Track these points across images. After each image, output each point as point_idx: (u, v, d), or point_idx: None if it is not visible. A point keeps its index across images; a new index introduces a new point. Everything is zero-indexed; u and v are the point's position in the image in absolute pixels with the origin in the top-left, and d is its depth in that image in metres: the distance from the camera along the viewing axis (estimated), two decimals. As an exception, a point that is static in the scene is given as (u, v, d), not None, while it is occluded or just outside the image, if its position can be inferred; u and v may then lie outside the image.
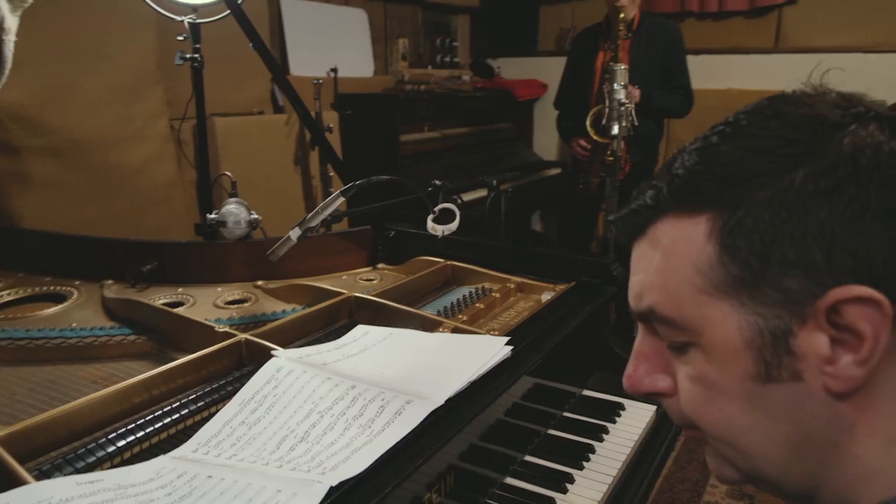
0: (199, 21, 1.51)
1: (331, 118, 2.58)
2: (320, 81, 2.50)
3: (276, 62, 1.25)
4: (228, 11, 1.39)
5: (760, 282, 0.45)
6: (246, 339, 1.05)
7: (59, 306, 1.33)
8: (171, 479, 0.74)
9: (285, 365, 0.94)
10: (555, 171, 4.11)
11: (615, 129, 1.85)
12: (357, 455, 0.72)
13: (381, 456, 0.72)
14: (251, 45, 1.24)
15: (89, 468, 0.77)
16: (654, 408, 1.25)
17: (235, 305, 1.36)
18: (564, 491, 0.99)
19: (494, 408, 0.95)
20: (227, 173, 1.40)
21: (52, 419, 0.81)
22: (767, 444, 0.48)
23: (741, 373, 0.47)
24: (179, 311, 1.23)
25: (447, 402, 0.83)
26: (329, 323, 1.23)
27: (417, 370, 0.93)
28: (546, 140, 4.38)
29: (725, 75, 3.62)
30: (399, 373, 0.92)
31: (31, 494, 0.66)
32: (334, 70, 2.88)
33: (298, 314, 1.19)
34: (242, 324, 1.23)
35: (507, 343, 0.99)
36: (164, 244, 1.49)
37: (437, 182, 1.24)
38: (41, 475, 0.74)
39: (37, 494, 0.66)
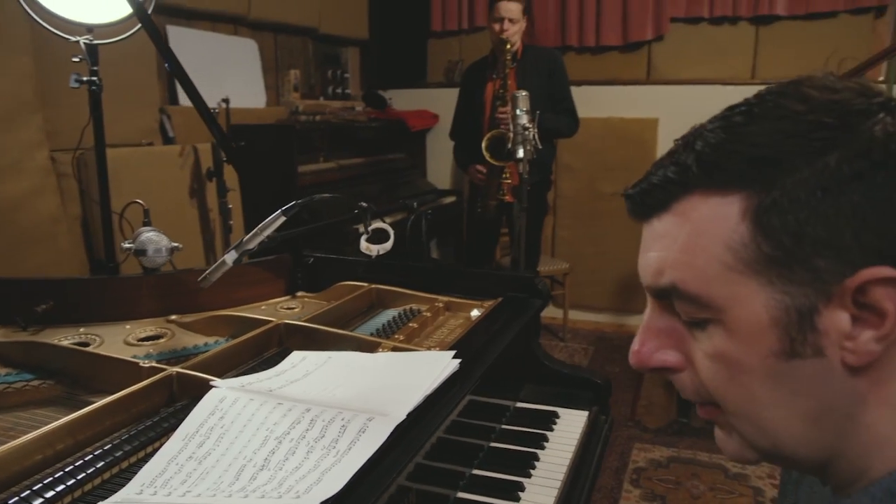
0: (96, 42, 1.42)
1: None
2: (217, 111, 2.41)
3: (193, 85, 1.20)
4: (129, 33, 1.32)
5: (792, 261, 0.46)
6: (177, 373, 0.98)
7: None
8: (118, 525, 0.67)
9: (228, 395, 0.89)
10: (449, 199, 4.19)
11: (520, 153, 1.92)
12: (328, 476, 0.70)
13: (355, 474, 0.69)
14: (167, 66, 1.18)
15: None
16: (586, 413, 1.30)
17: (150, 342, 1.27)
18: (518, 499, 1.00)
19: (436, 426, 0.95)
20: (140, 201, 1.31)
21: (8, 452, 0.72)
22: (788, 419, 0.49)
23: (765, 350, 0.48)
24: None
25: (408, 416, 0.82)
26: (260, 352, 1.18)
27: (369, 389, 0.91)
28: (439, 169, 4.47)
29: (605, 104, 3.88)
30: (351, 393, 0.89)
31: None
32: (226, 100, 2.80)
33: (228, 345, 1.13)
34: (163, 360, 1.15)
35: (455, 357, 0.99)
36: (64, 281, 1.37)
37: (364, 203, 1.23)
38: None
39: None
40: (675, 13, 3.79)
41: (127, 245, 1.11)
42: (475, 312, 1.35)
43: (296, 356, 1.07)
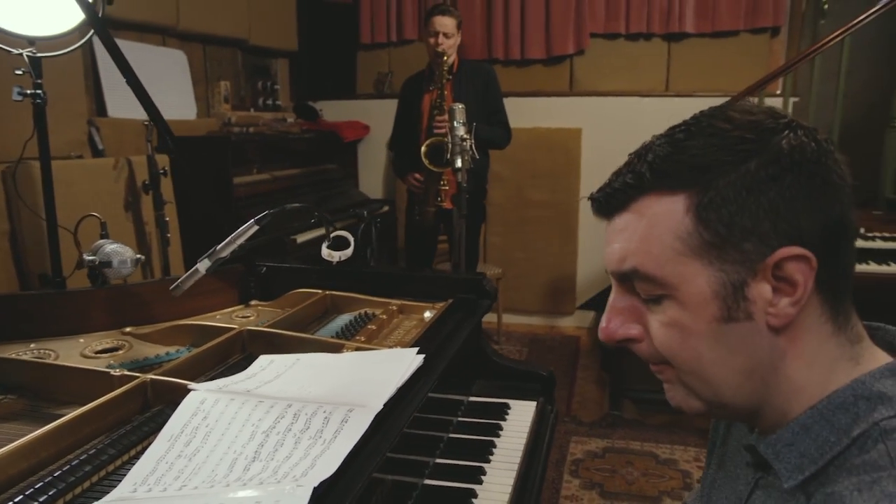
0: (39, 55, 1.41)
1: (162, 161, 2.47)
2: (150, 123, 2.39)
3: (149, 98, 1.22)
4: (75, 46, 1.33)
5: (726, 245, 0.58)
6: (151, 380, 1.01)
7: None
8: (121, 518, 0.71)
9: (208, 396, 0.93)
10: (383, 209, 4.25)
11: (458, 163, 2.02)
12: (321, 461, 0.76)
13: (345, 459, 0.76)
14: (125, 80, 1.20)
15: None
16: (534, 403, 1.40)
17: (108, 354, 1.27)
18: (481, 482, 1.08)
19: (409, 415, 1.02)
20: (96, 214, 1.31)
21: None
22: (727, 373, 0.61)
23: (709, 316, 0.59)
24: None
25: (384, 405, 0.88)
26: (224, 359, 1.22)
27: (343, 385, 0.97)
28: (371, 179, 4.53)
29: (531, 115, 4.05)
30: (326, 389, 0.95)
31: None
32: (156, 112, 2.77)
33: (195, 352, 1.16)
34: (126, 370, 1.17)
35: (418, 353, 1.07)
36: (13, 296, 1.36)
37: (325, 213, 1.29)
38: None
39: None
40: (595, 29, 4.00)
41: (90, 258, 1.12)
42: (427, 314, 1.42)
43: (263, 360, 1.11)
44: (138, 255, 1.17)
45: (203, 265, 1.04)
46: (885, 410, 0.56)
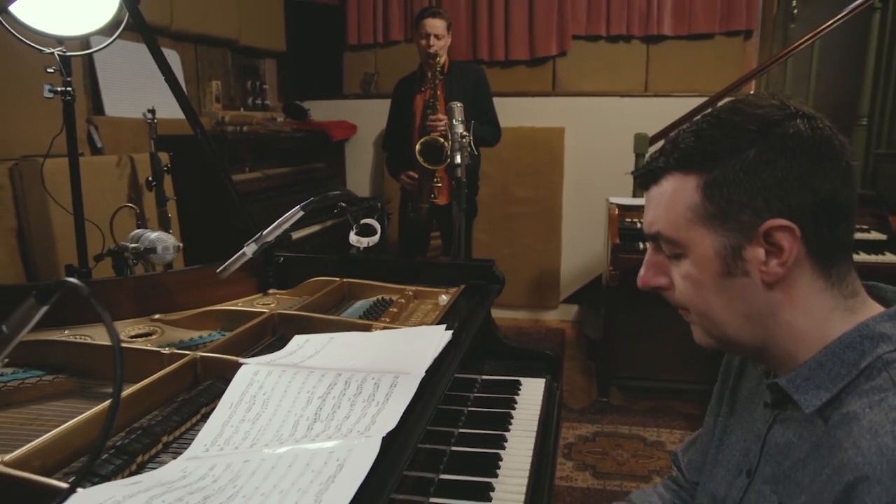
0: (69, 54, 1.47)
1: (164, 159, 2.52)
2: (155, 122, 2.44)
3: (185, 96, 1.29)
4: (103, 45, 1.39)
5: (727, 216, 0.72)
6: (201, 357, 1.09)
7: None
8: (203, 472, 0.78)
9: (260, 369, 1.01)
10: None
11: (458, 159, 2.11)
12: (380, 418, 0.84)
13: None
14: (164, 78, 1.27)
15: (106, 477, 0.79)
16: (543, 380, 1.50)
17: (142, 339, 1.34)
18: (503, 448, 1.18)
19: (447, 382, 1.10)
20: (131, 205, 1.38)
21: (55, 438, 0.81)
22: (729, 317, 0.75)
23: (713, 271, 0.73)
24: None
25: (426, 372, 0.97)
26: (257, 341, 1.29)
27: (383, 357, 1.06)
28: (358, 177, 4.60)
29: (515, 115, 4.15)
30: (368, 361, 1.04)
31: (91, 497, 0.68)
32: (152, 111, 2.81)
33: (232, 334, 1.23)
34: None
35: (446, 329, 1.16)
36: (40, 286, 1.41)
37: (343, 203, 1.38)
38: (75, 483, 0.74)
39: (96, 497, 0.68)
40: (577, 31, 4.13)
41: (133, 245, 1.19)
42: (443, 298, 1.51)
43: (299, 339, 1.19)
44: (179, 243, 1.24)
45: (250, 249, 1.12)
46: (886, 346, 0.69)
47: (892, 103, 2.91)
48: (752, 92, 3.79)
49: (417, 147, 2.83)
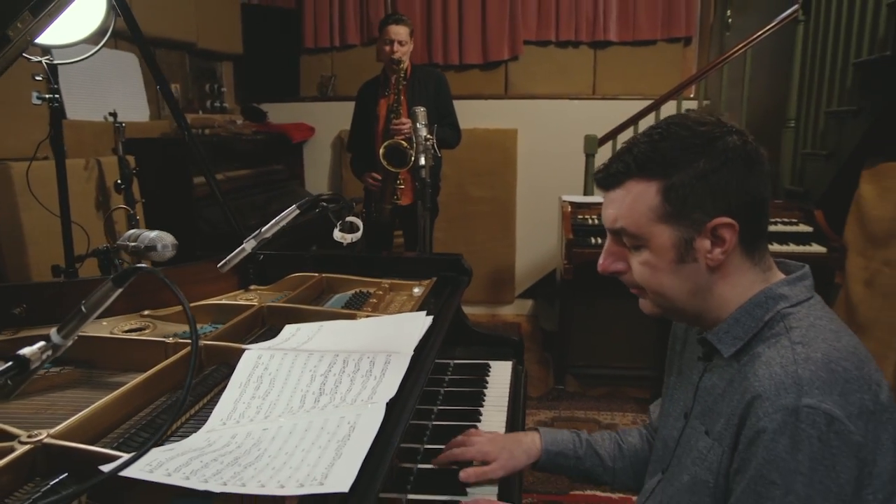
0: (56, 62, 1.53)
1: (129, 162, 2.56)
2: (123, 126, 2.48)
3: (177, 103, 1.38)
4: (91, 52, 1.47)
5: (681, 215, 0.87)
6: (205, 345, 1.18)
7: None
8: (226, 440, 0.89)
9: (263, 353, 1.11)
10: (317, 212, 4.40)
11: (422, 161, 2.23)
12: (380, 388, 0.96)
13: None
14: (158, 87, 1.35)
15: (139, 447, 0.88)
16: (510, 363, 1.64)
17: (135, 333, 1.42)
18: (479, 420, 1.31)
19: (431, 361, 1.23)
20: (125, 206, 1.45)
21: (93, 413, 0.90)
22: (679, 294, 0.91)
23: (669, 259, 0.89)
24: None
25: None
26: (248, 331, 1.39)
27: (372, 340, 1.17)
28: (316, 178, 4.67)
29: (470, 117, 4.27)
30: (360, 344, 1.15)
31: (140, 461, 0.78)
32: (113, 114, 2.83)
33: (227, 325, 1.32)
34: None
35: (427, 315, 1.28)
36: (38, 285, 1.48)
37: (348, 198, 1.49)
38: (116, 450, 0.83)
39: (142, 461, 0.78)
40: (528, 36, 4.31)
41: (132, 244, 1.27)
42: (416, 290, 1.64)
43: (290, 328, 1.30)
44: (175, 241, 1.32)
45: (249, 245, 1.22)
46: (784, 303, 0.87)
47: (815, 107, 3.17)
48: (692, 95, 4.05)
49: (381, 151, 2.94)
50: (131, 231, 1.38)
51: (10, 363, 0.68)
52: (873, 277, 2.49)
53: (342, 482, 0.71)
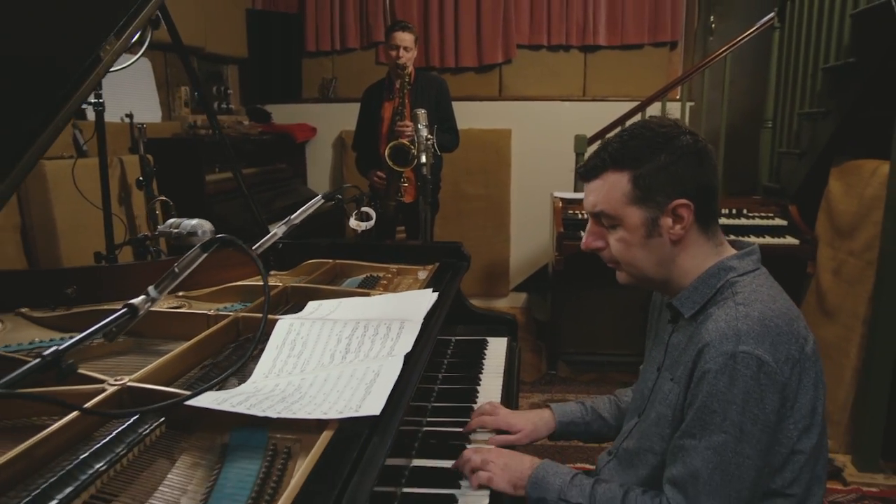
0: (99, 72, 1.70)
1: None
2: (144, 126, 2.66)
3: (212, 106, 1.56)
4: (133, 59, 1.65)
5: (648, 198, 1.06)
6: (242, 316, 1.37)
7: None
8: (270, 388, 1.07)
9: (294, 321, 1.30)
10: (330, 205, 4.58)
11: (423, 159, 2.42)
12: (397, 346, 1.15)
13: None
14: (195, 93, 1.53)
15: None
16: (505, 339, 1.83)
17: (173, 310, 1.60)
18: (476, 392, 1.50)
19: (437, 331, 1.41)
20: (164, 198, 1.63)
21: (158, 366, 1.09)
22: (648, 265, 1.10)
23: (639, 235, 1.08)
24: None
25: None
26: (275, 309, 1.57)
27: (387, 311, 1.36)
28: (318, 177, 4.85)
29: (465, 118, 4.44)
30: (376, 314, 1.34)
31: (208, 398, 0.97)
32: (129, 115, 3.01)
33: (257, 301, 1.51)
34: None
35: (433, 291, 1.47)
36: (85, 269, 1.66)
37: (339, 196, 1.67)
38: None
39: (209, 396, 0.97)
40: (521, 41, 4.51)
41: (175, 231, 1.45)
42: (421, 274, 1.83)
43: (313, 304, 1.48)
44: (213, 228, 1.51)
45: (280, 230, 1.40)
46: (732, 273, 1.07)
47: (790, 108, 3.37)
48: (677, 96, 4.25)
49: (386, 151, 3.13)
50: (172, 219, 1.56)
51: (123, 310, 0.86)
52: (840, 267, 2.69)
53: (374, 408, 0.90)
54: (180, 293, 1.70)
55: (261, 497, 0.80)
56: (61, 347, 0.72)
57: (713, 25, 4.25)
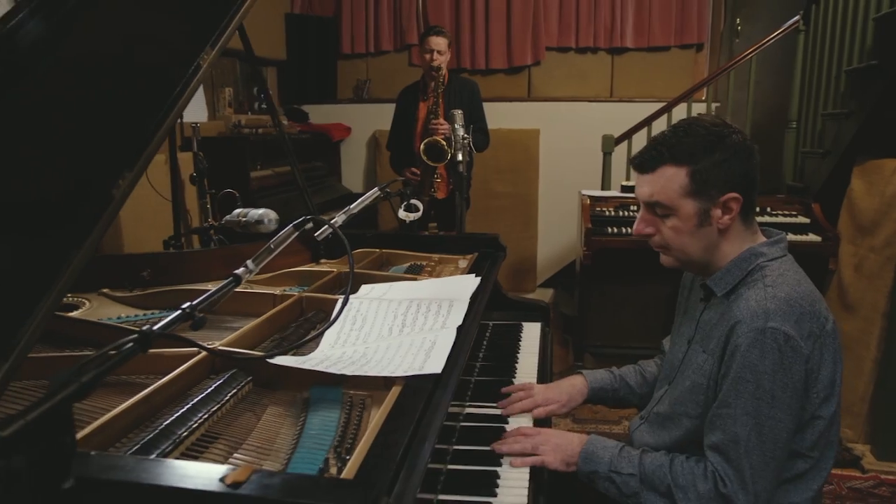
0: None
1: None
2: (198, 125, 2.84)
3: (276, 109, 1.72)
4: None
5: (702, 192, 1.18)
6: (305, 296, 1.53)
7: (83, 309, 1.62)
8: (339, 356, 1.23)
9: (353, 300, 1.45)
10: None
11: (459, 157, 2.56)
12: (448, 321, 1.30)
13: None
14: (261, 94, 1.69)
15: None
16: (539, 324, 1.97)
17: (242, 290, 1.77)
18: (515, 367, 1.64)
19: (481, 311, 1.56)
20: (231, 190, 1.80)
21: (240, 335, 1.24)
22: (695, 250, 1.23)
23: (691, 224, 1.20)
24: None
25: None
26: (334, 290, 1.73)
27: (435, 292, 1.51)
28: (352, 175, 5.03)
29: (495, 118, 4.57)
30: (426, 294, 1.49)
31: (290, 359, 1.12)
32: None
33: (315, 284, 1.67)
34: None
35: (475, 276, 1.62)
36: (158, 254, 1.83)
37: (388, 190, 1.82)
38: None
39: (292, 360, 1.12)
40: (549, 43, 4.64)
41: (244, 219, 1.61)
42: (462, 263, 1.97)
43: (366, 287, 1.63)
44: (277, 217, 1.66)
45: (340, 219, 1.55)
46: (762, 258, 1.20)
47: (814, 109, 3.45)
48: (702, 98, 4.34)
49: (422, 147, 3.29)
50: (239, 210, 1.73)
51: (229, 279, 1.02)
52: (861, 262, 2.78)
53: (435, 367, 1.05)
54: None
55: (345, 438, 0.95)
56: (194, 303, 0.88)
57: (739, 28, 4.33)
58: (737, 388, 1.12)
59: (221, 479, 0.67)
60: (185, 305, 0.85)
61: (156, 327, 0.79)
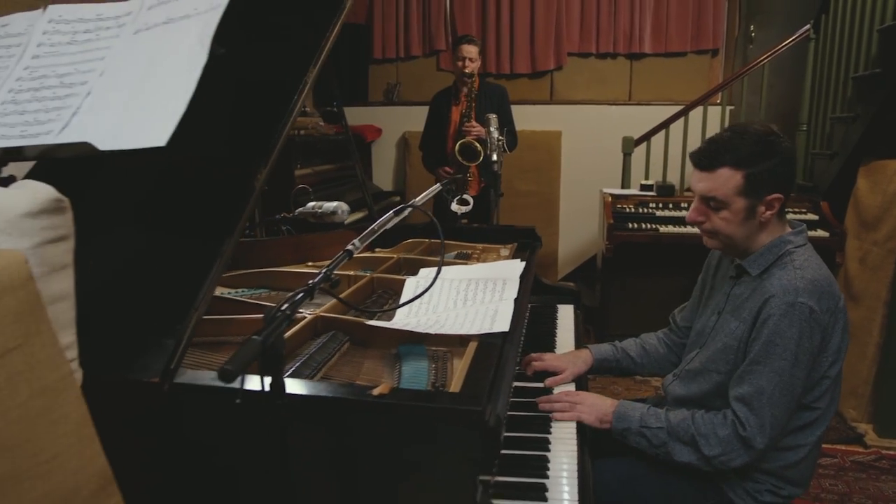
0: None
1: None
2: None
3: (346, 119, 1.97)
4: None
5: (753, 192, 1.39)
6: (375, 277, 1.78)
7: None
8: (415, 323, 1.48)
9: (419, 280, 1.70)
10: (395, 199, 5.02)
11: (494, 157, 2.81)
12: (505, 294, 1.55)
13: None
14: (334, 103, 1.95)
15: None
16: (572, 306, 2.21)
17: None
18: (554, 340, 1.88)
19: (529, 291, 1.80)
20: (304, 185, 2.06)
21: (331, 306, 1.50)
22: (740, 238, 1.44)
23: (740, 217, 1.41)
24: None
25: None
26: (397, 273, 1.98)
27: (487, 274, 1.76)
28: (383, 174, 5.29)
29: (518, 120, 4.77)
30: (480, 275, 1.74)
31: (376, 321, 1.37)
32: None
33: (377, 270, 1.92)
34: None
35: (520, 261, 1.86)
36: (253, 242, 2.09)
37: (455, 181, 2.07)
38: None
39: (384, 324, 1.38)
40: (571, 48, 4.87)
41: (320, 210, 1.87)
42: (503, 251, 2.22)
43: (424, 270, 1.88)
44: (349, 208, 1.92)
45: (406, 210, 1.80)
46: (790, 245, 1.43)
47: (823, 113, 3.67)
48: (717, 101, 4.56)
49: (456, 148, 3.54)
50: (312, 202, 1.99)
51: (341, 253, 1.27)
52: (865, 256, 3.00)
53: (503, 326, 1.30)
54: (309, 263, 2.12)
55: (437, 380, 1.21)
56: (329, 267, 1.13)
57: (753, 34, 4.54)
58: (767, 349, 1.36)
59: (370, 392, 0.93)
60: (324, 269, 1.10)
61: (315, 280, 1.04)
